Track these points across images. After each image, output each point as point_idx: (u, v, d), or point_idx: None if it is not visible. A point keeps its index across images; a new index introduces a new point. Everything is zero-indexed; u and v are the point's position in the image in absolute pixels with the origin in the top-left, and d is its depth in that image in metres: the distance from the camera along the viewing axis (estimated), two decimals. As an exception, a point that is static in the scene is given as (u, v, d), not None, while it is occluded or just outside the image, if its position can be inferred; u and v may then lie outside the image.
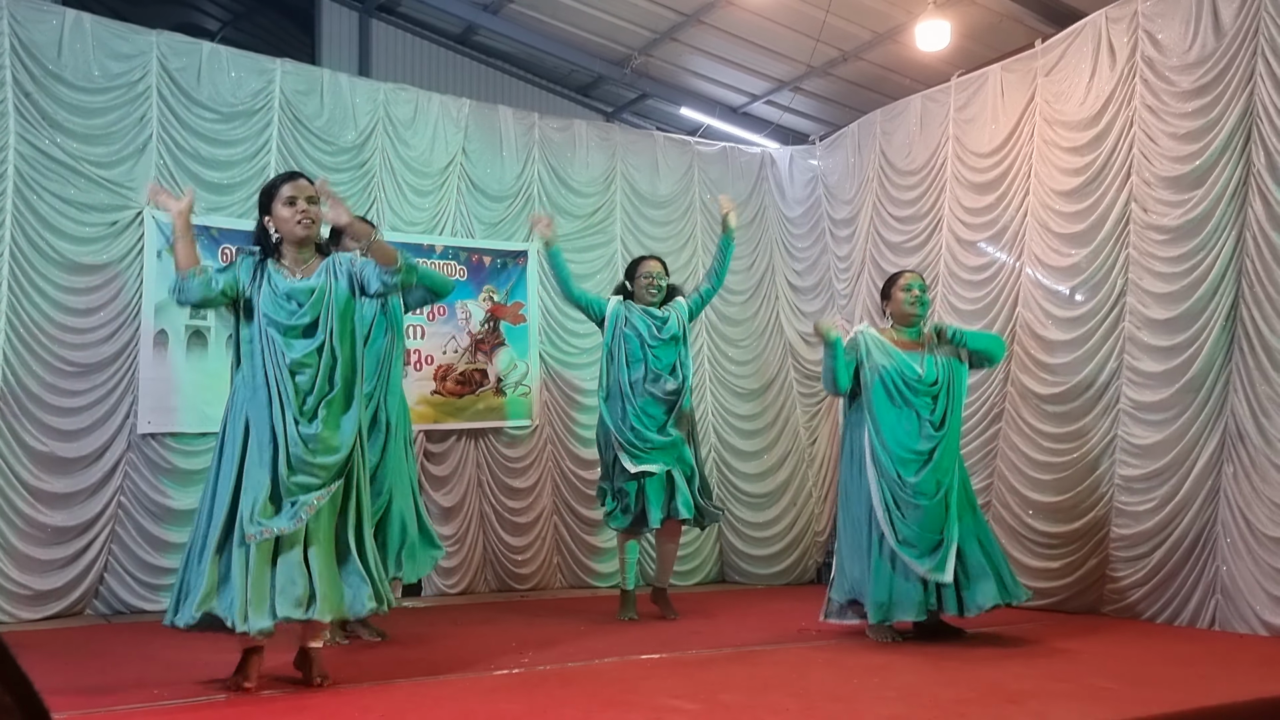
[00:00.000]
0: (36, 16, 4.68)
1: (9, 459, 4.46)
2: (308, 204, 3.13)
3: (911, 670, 3.42)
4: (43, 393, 4.55)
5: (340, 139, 5.37)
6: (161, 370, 4.78)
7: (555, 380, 5.88)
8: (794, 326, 6.46)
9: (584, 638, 4.11)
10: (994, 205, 5.26)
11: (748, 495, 6.27)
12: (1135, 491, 4.49)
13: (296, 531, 2.95)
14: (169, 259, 4.84)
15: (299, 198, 3.12)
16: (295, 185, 3.15)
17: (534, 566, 5.72)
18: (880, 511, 3.97)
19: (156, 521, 4.74)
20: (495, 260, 5.74)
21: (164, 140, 4.90)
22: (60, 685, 3.01)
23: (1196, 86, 4.34)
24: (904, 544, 3.93)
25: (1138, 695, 3.00)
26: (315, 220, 3.15)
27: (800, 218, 6.55)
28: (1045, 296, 4.97)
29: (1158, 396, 4.42)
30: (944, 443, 4.02)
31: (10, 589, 4.41)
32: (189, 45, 5.03)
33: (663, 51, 6.81)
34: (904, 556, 3.91)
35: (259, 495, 2.94)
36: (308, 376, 3.05)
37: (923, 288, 4.24)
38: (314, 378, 3.05)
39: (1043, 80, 5.06)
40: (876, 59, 6.50)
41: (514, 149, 5.88)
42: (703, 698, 2.96)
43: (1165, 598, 4.35)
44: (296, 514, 2.94)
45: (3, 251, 4.50)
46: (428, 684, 3.15)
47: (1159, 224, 4.47)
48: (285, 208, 3.12)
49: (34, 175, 4.59)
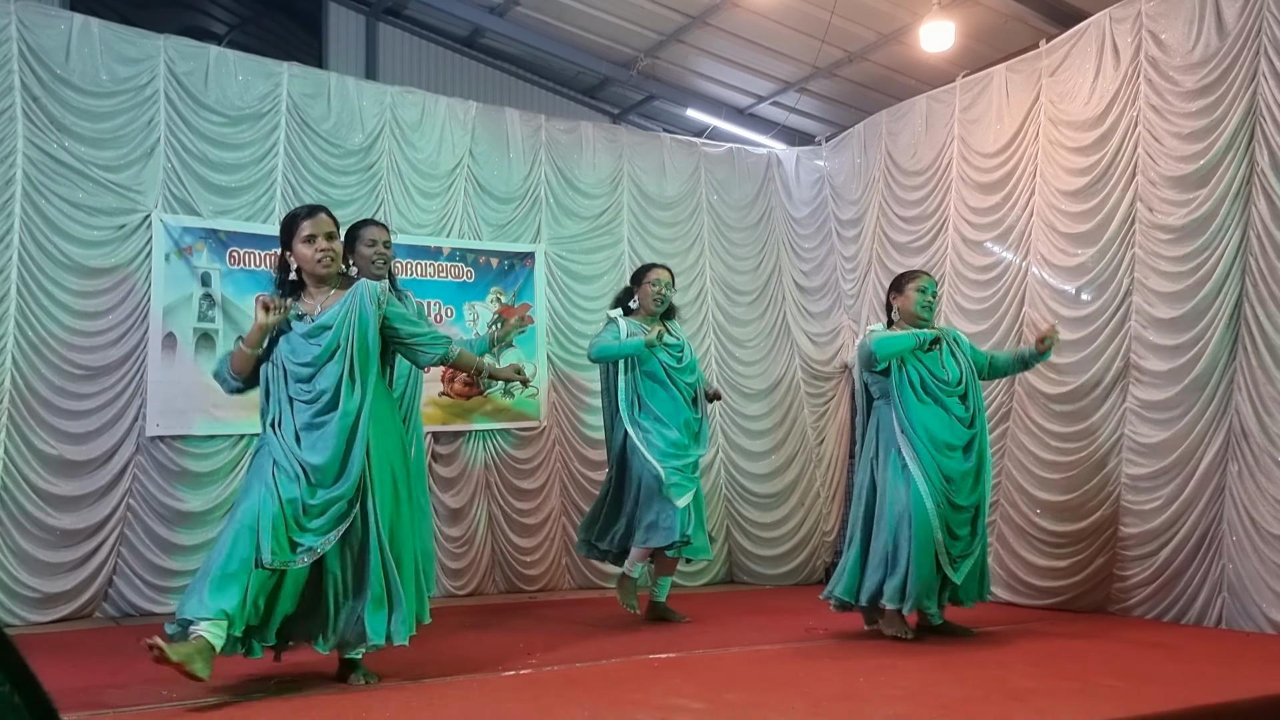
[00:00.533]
0: (45, 22, 4.72)
1: (18, 462, 4.49)
2: (327, 241, 3.12)
3: (918, 670, 3.42)
4: (52, 396, 4.58)
5: (347, 142, 5.39)
6: (170, 373, 4.81)
7: (563, 381, 5.89)
8: (801, 327, 6.47)
9: (591, 638, 4.12)
10: (1000, 205, 5.26)
11: (755, 495, 6.28)
12: (1142, 490, 4.49)
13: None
14: (177, 262, 4.88)
15: (318, 235, 3.10)
16: (315, 222, 3.12)
17: (542, 568, 5.74)
18: (930, 505, 3.90)
19: (165, 524, 4.77)
20: (503, 262, 5.76)
21: (171, 144, 4.93)
22: (69, 686, 3.03)
23: (1200, 86, 4.33)
24: (950, 536, 3.93)
25: (1143, 693, 3.00)
26: (335, 258, 3.15)
27: (807, 218, 6.55)
28: (1051, 296, 4.97)
29: (1163, 395, 4.42)
30: (978, 440, 4.02)
31: (20, 592, 4.44)
32: (196, 49, 5.06)
33: (669, 53, 6.83)
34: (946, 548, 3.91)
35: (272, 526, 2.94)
36: (315, 408, 3.04)
37: (935, 293, 4.22)
38: (323, 408, 3.04)
39: (1047, 80, 5.06)
40: (882, 60, 6.50)
41: (521, 151, 5.90)
42: (709, 697, 2.96)
43: (1172, 596, 4.35)
44: (300, 555, 2.95)
45: (11, 256, 4.53)
46: (435, 685, 3.16)
47: (1164, 223, 4.46)
48: (305, 246, 3.10)
49: (42, 179, 4.62)
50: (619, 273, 6.03)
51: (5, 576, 4.42)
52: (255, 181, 5.11)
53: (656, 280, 4.64)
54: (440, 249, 5.56)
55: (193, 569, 4.75)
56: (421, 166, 5.60)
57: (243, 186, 5.09)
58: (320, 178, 5.27)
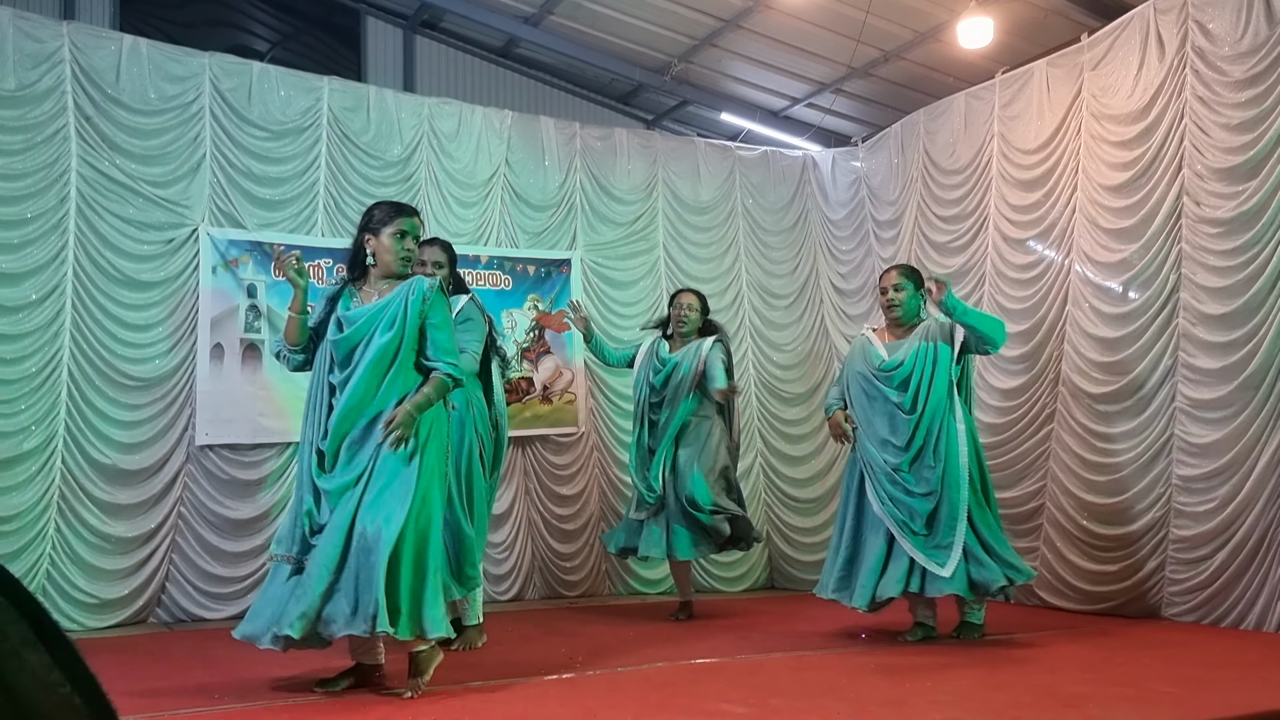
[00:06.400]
0: (96, 43, 4.85)
1: (75, 472, 4.61)
2: (414, 243, 3.20)
3: (965, 675, 3.38)
4: (106, 407, 4.70)
5: (386, 153, 5.47)
6: (218, 383, 4.91)
7: (600, 387, 5.91)
8: (839, 330, 6.42)
9: (633, 643, 4.12)
10: (1041, 202, 5.18)
11: (796, 500, 6.24)
12: (1195, 492, 4.38)
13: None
14: (223, 274, 4.99)
15: (409, 235, 3.17)
16: (412, 223, 3.18)
17: (583, 573, 5.75)
18: (875, 502, 4.07)
19: (215, 531, 4.87)
20: (539, 269, 5.80)
21: (217, 159, 5.04)
22: (125, 689, 3.10)
23: (1249, 76, 4.23)
24: (903, 527, 4.02)
25: (1200, 699, 2.93)
26: (413, 262, 3.25)
27: (844, 220, 6.51)
28: (1095, 294, 4.88)
29: (1215, 394, 4.31)
30: (922, 425, 4.04)
31: (78, 598, 4.55)
32: (239, 66, 5.17)
33: (702, 58, 6.82)
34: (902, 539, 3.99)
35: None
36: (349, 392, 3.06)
37: (899, 287, 4.26)
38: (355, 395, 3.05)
39: (1089, 74, 4.98)
40: (918, 58, 6.44)
41: (556, 159, 5.94)
42: (753, 702, 2.95)
43: (1229, 601, 4.24)
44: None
45: (66, 272, 4.66)
46: (479, 690, 3.19)
47: (1212, 217, 4.36)
48: (394, 240, 3.14)
49: (95, 196, 4.75)
50: (654, 278, 6.03)
51: (64, 583, 4.54)
52: (298, 194, 5.21)
53: (677, 305, 5.03)
54: (478, 257, 5.61)
55: (243, 575, 4.88)
56: (459, 176, 5.66)
57: (286, 199, 5.19)
58: (360, 189, 5.35)
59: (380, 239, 3.14)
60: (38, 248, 4.61)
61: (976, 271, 5.49)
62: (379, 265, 3.17)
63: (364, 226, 3.21)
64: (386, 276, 3.19)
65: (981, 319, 4.12)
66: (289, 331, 3.23)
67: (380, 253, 3.15)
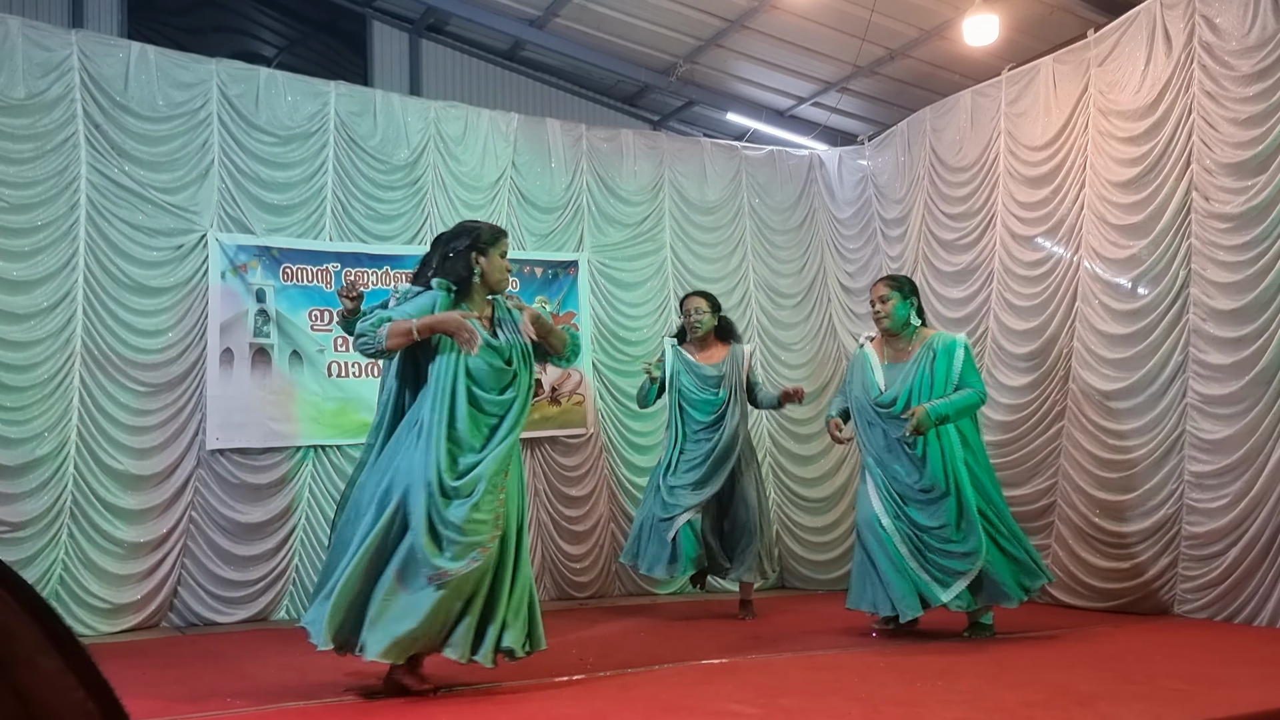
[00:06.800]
0: (104, 51, 4.88)
1: (87, 477, 4.64)
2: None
3: (976, 674, 3.37)
4: (117, 412, 4.73)
5: (393, 157, 5.49)
6: (228, 388, 4.93)
7: (609, 388, 5.91)
8: (847, 328, 6.41)
9: (643, 644, 4.12)
10: (1049, 199, 5.16)
11: (806, 500, 6.23)
12: (1207, 488, 4.36)
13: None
14: (232, 279, 5.01)
15: (507, 257, 3.37)
16: (508, 247, 3.39)
17: (592, 574, 5.76)
18: (886, 519, 4.04)
19: (227, 535, 4.89)
20: (547, 271, 5.81)
21: (225, 165, 5.06)
22: (139, 693, 3.12)
23: (1257, 70, 4.21)
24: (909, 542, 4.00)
25: (1213, 697, 2.92)
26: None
27: (850, 219, 6.50)
28: (1104, 290, 4.86)
29: (1227, 389, 4.29)
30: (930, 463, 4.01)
31: (90, 603, 4.58)
32: (247, 72, 5.19)
33: (707, 58, 6.82)
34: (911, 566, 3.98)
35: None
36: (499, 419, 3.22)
37: (885, 298, 4.20)
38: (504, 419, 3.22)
39: (1096, 70, 4.96)
40: (924, 56, 6.42)
41: (562, 161, 5.95)
42: (763, 702, 2.95)
43: (1242, 597, 4.21)
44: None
45: (77, 278, 4.69)
46: (489, 691, 3.19)
47: (1221, 212, 4.34)
48: (502, 260, 3.33)
49: (104, 203, 4.78)
50: (662, 279, 6.04)
51: (77, 588, 4.57)
52: (306, 199, 5.23)
53: (687, 310, 5.01)
54: (486, 260, 5.61)
55: (254, 579, 4.91)
56: (465, 179, 5.67)
57: (294, 204, 5.21)
58: (368, 193, 5.37)
59: (492, 259, 3.31)
60: (48, 255, 4.64)
61: (985, 269, 5.48)
62: (485, 283, 3.32)
63: (472, 245, 3.29)
64: (487, 292, 3.35)
65: (962, 406, 4.04)
66: (398, 339, 3.10)
67: (490, 271, 3.30)
